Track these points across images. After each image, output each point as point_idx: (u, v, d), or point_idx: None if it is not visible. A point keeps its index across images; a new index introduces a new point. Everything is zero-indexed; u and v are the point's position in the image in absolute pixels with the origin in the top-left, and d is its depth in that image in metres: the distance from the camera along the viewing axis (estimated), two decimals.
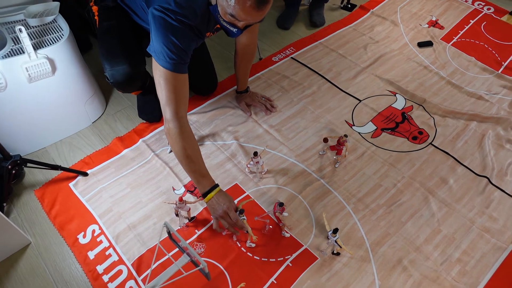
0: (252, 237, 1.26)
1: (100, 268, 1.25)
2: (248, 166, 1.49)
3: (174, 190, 1.45)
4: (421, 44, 2.14)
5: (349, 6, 2.42)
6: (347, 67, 2.00)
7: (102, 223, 1.36)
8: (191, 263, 1.16)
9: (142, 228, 1.34)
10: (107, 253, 1.28)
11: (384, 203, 1.44)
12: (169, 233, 1.22)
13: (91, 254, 1.28)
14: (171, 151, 1.57)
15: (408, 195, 1.46)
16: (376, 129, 1.70)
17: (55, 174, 1.49)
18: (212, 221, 1.31)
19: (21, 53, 1.34)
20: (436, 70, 1.99)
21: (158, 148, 1.59)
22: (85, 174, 1.49)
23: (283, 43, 2.16)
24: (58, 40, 1.42)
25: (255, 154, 1.40)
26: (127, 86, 1.47)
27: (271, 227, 1.35)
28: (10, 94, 1.37)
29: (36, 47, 1.37)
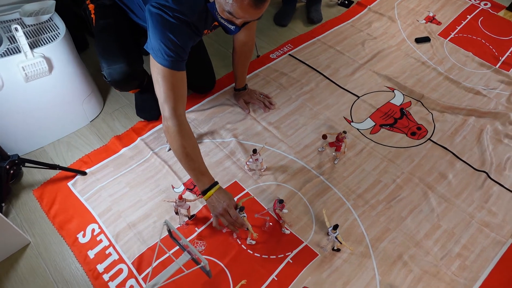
0: (252, 234, 1.26)
1: (100, 267, 1.25)
2: (247, 163, 1.49)
3: (173, 188, 1.45)
4: (418, 40, 2.14)
5: (346, 2, 2.42)
6: (345, 64, 1.99)
7: (101, 222, 1.35)
8: (192, 261, 1.16)
9: (142, 226, 1.34)
10: (107, 252, 1.28)
11: (383, 199, 1.44)
12: (169, 231, 1.22)
13: (91, 253, 1.28)
14: (170, 149, 1.56)
15: (408, 190, 1.47)
16: (374, 125, 1.70)
17: (54, 173, 1.48)
18: (212, 218, 1.31)
19: (17, 52, 1.33)
20: (434, 65, 1.99)
21: (157, 146, 1.58)
22: (83, 173, 1.48)
23: (281, 40, 2.15)
24: (54, 39, 1.41)
25: (254, 151, 1.39)
26: (125, 84, 1.47)
27: (271, 224, 1.35)
28: (6, 94, 1.36)
29: (32, 46, 1.36)
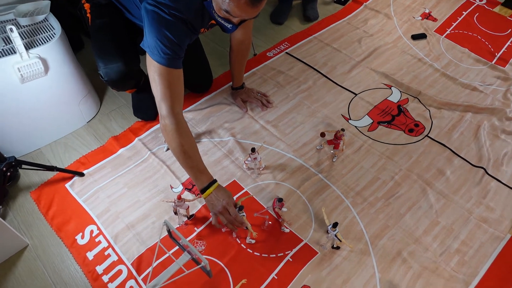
0: (252, 233, 1.26)
1: (99, 269, 1.24)
2: (245, 162, 1.49)
3: (172, 188, 1.44)
4: (415, 37, 2.14)
5: (342, 0, 2.41)
6: (342, 61, 1.99)
7: (100, 223, 1.34)
8: (192, 261, 1.16)
9: (141, 227, 1.33)
10: (106, 253, 1.28)
11: (382, 196, 1.44)
12: (169, 231, 1.22)
13: (90, 255, 1.27)
14: (168, 149, 1.56)
15: (406, 187, 1.47)
16: (372, 122, 1.70)
17: (51, 175, 1.47)
18: (211, 217, 1.30)
19: (12, 53, 1.32)
20: (431, 62, 2.00)
21: (155, 146, 1.58)
22: (81, 175, 1.47)
23: (277, 38, 2.15)
24: (50, 39, 1.40)
25: (253, 150, 1.39)
26: (122, 84, 1.46)
27: (270, 223, 1.35)
28: (2, 95, 1.35)
29: (27, 46, 1.35)
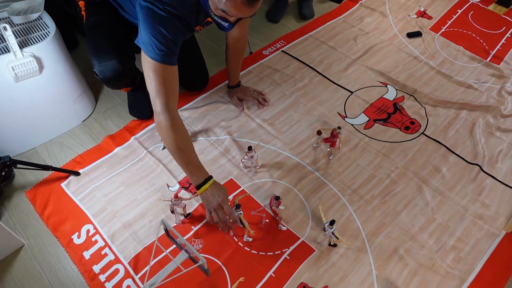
0: (249, 231, 1.26)
1: (96, 268, 1.24)
2: (242, 160, 1.49)
3: (168, 187, 1.44)
4: (410, 35, 2.15)
5: None
6: (338, 59, 2.00)
7: (96, 222, 1.34)
8: (190, 259, 1.16)
9: (138, 226, 1.33)
10: (102, 252, 1.27)
11: (378, 194, 1.45)
12: (166, 230, 1.21)
13: (87, 254, 1.27)
14: (164, 147, 1.55)
15: (402, 185, 1.48)
16: (368, 120, 1.70)
17: (46, 174, 1.46)
18: (206, 214, 1.30)
19: (6, 51, 1.31)
20: (426, 60, 2.01)
21: (151, 145, 1.57)
22: (77, 174, 1.47)
23: (273, 36, 2.15)
24: (44, 38, 1.39)
25: (250, 148, 1.39)
26: (117, 82, 1.45)
27: (267, 221, 1.35)
28: None
29: (21, 45, 1.34)
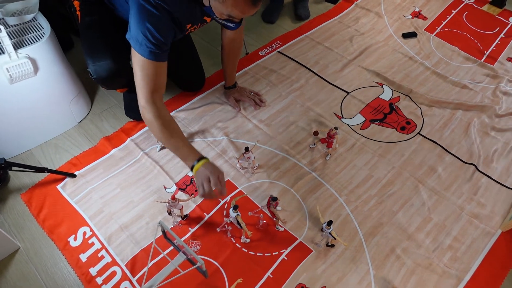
0: (246, 232, 1.26)
1: (93, 271, 1.23)
2: (239, 161, 1.49)
3: (165, 188, 1.44)
4: (405, 35, 2.16)
5: None
6: (334, 60, 2.00)
7: (93, 224, 1.33)
8: (187, 261, 1.16)
9: (135, 228, 1.32)
10: (99, 255, 1.26)
11: (375, 194, 1.45)
12: (163, 232, 1.21)
13: (83, 257, 1.26)
14: (161, 149, 1.55)
15: (399, 185, 1.48)
16: (364, 120, 1.71)
17: (42, 176, 1.45)
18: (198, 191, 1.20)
19: (0, 53, 1.29)
20: (421, 60, 2.02)
21: (147, 146, 1.57)
22: (73, 176, 1.46)
23: (269, 37, 2.15)
24: (39, 39, 1.38)
25: (247, 149, 1.39)
26: (111, 82, 1.44)
27: (265, 221, 1.35)
28: None
29: (16, 46, 1.33)
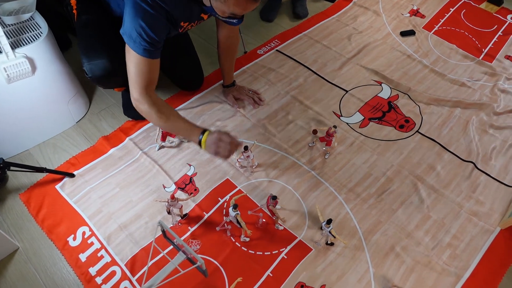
0: (246, 231, 1.26)
1: (92, 270, 1.23)
2: (238, 160, 1.48)
3: (164, 188, 1.43)
4: (403, 33, 2.16)
5: None
6: (332, 58, 2.00)
7: (92, 224, 1.33)
8: (187, 260, 1.15)
9: (134, 227, 1.32)
10: (99, 254, 1.26)
11: (374, 192, 1.45)
12: (163, 231, 1.21)
13: (83, 257, 1.25)
14: (160, 148, 1.54)
15: (398, 183, 1.48)
16: (363, 119, 1.71)
17: (40, 176, 1.45)
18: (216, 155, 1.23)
19: None
20: (419, 58, 2.02)
21: (146, 146, 1.56)
22: (71, 176, 1.45)
23: (268, 35, 2.15)
24: (36, 38, 1.37)
25: (246, 148, 1.39)
26: (107, 81, 1.42)
27: (264, 220, 1.35)
28: None
29: (13, 46, 1.32)
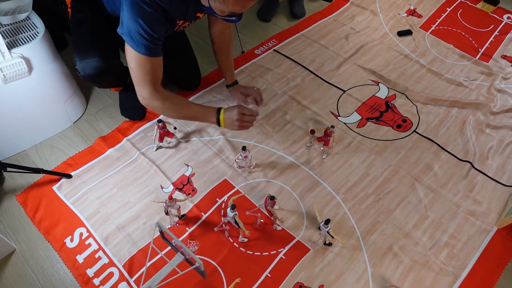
0: (244, 232, 1.26)
1: (90, 272, 1.22)
2: (236, 161, 1.48)
3: (162, 188, 1.43)
4: (400, 33, 2.16)
5: None
6: (330, 58, 2.00)
7: (89, 225, 1.32)
8: (186, 261, 1.15)
9: (132, 228, 1.32)
10: (96, 256, 1.26)
11: (372, 192, 1.46)
12: (161, 232, 1.21)
13: (80, 258, 1.25)
14: (157, 149, 1.54)
15: (395, 182, 1.49)
16: (361, 119, 1.71)
17: (37, 177, 1.44)
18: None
19: None
20: (417, 58, 2.02)
21: (144, 146, 1.56)
22: (68, 176, 1.45)
23: (265, 35, 2.14)
24: (33, 38, 1.36)
25: (244, 148, 1.39)
26: (99, 80, 1.42)
27: (262, 221, 1.35)
28: None
29: (10, 46, 1.31)
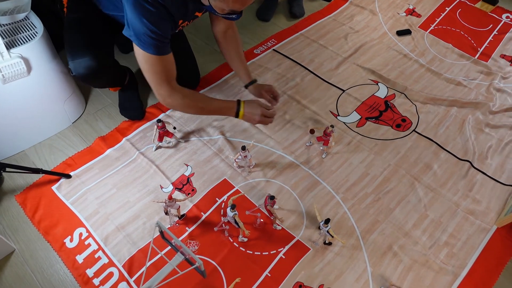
0: (244, 231, 1.25)
1: (90, 272, 1.22)
2: (236, 160, 1.48)
3: (162, 188, 1.43)
4: (399, 33, 2.16)
5: None
6: (329, 58, 2.00)
7: (89, 225, 1.32)
8: (185, 261, 1.15)
9: (131, 228, 1.31)
10: (96, 256, 1.26)
11: (372, 191, 1.46)
12: (161, 232, 1.20)
13: (80, 258, 1.25)
14: (157, 148, 1.54)
15: (395, 182, 1.49)
16: (360, 118, 1.71)
17: (36, 177, 1.44)
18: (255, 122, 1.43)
19: None
20: (416, 58, 2.02)
21: (143, 146, 1.55)
22: (68, 177, 1.44)
23: (264, 35, 2.14)
24: (32, 38, 1.36)
25: (243, 148, 1.38)
26: (92, 79, 1.41)
27: (262, 220, 1.35)
28: None
29: (8, 46, 1.31)
